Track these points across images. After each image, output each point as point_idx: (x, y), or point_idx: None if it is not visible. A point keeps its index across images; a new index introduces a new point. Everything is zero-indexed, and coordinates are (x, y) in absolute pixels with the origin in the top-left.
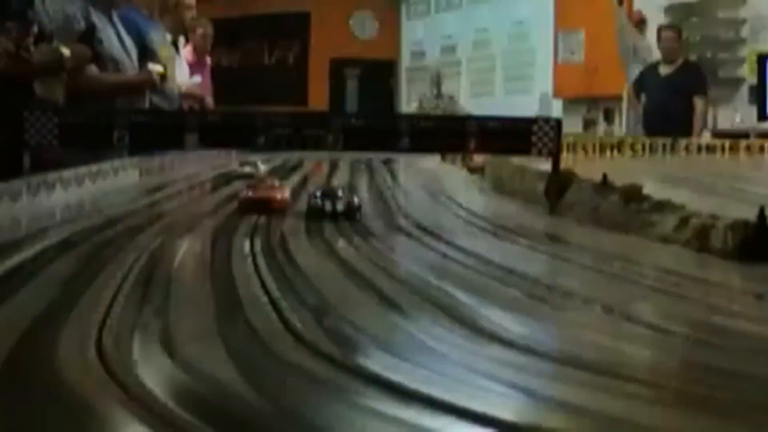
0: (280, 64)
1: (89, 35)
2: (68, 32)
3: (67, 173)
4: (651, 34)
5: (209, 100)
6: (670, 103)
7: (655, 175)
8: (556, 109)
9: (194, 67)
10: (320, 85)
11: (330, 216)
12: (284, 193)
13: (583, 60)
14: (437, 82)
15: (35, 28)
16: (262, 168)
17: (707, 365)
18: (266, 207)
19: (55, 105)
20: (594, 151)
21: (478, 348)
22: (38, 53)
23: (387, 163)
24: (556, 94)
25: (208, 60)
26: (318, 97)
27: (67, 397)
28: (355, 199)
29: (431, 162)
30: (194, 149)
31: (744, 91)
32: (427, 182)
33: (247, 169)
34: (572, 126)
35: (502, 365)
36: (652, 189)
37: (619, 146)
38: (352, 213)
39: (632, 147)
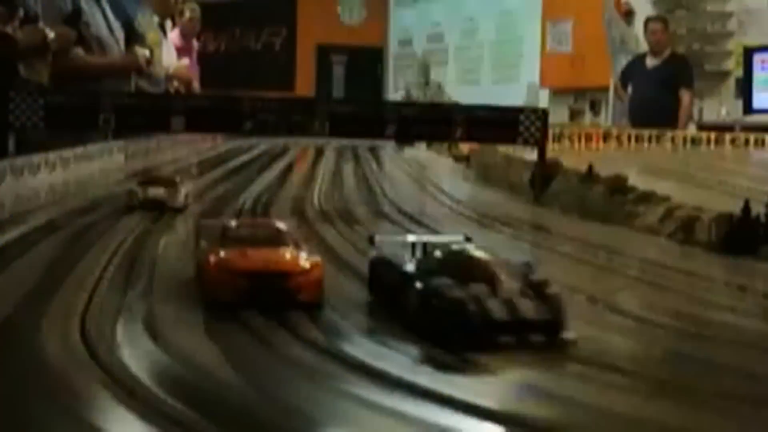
0: (266, 49)
1: (75, 18)
2: (54, 14)
3: (52, 155)
4: (638, 26)
5: (195, 84)
6: (657, 94)
7: (640, 166)
8: (543, 99)
9: (181, 50)
10: (307, 71)
11: (508, 338)
12: (312, 259)
13: (570, 50)
14: (425, 70)
15: (21, 12)
16: (183, 192)
17: (690, 356)
18: (278, 290)
19: (40, 86)
20: (580, 141)
21: None
22: (23, 35)
23: (373, 150)
24: (543, 84)
25: (195, 44)
26: (305, 83)
27: (50, 378)
28: (551, 286)
29: (417, 150)
30: (180, 133)
31: (730, 84)
32: (413, 170)
33: (157, 192)
34: (559, 116)
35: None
36: (637, 180)
37: (605, 137)
38: (555, 331)
39: (618, 138)
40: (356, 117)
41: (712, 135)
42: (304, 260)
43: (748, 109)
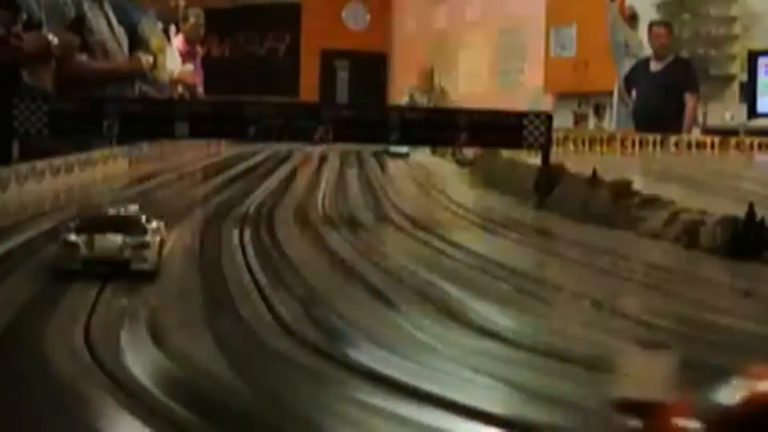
0: (271, 54)
1: (79, 24)
2: (58, 20)
3: (56, 162)
4: (642, 30)
5: (200, 90)
6: (661, 99)
7: (644, 170)
8: (547, 104)
9: (185, 56)
10: (311, 76)
11: None
12: None
13: (574, 55)
14: (429, 74)
15: (24, 15)
16: (156, 239)
17: (695, 361)
18: None
19: (43, 92)
20: (584, 145)
21: (468, 341)
22: (26, 41)
23: (377, 154)
24: (547, 88)
25: (199, 49)
26: (309, 88)
27: (54, 383)
28: None
29: (421, 155)
30: (184, 139)
31: (735, 89)
32: (417, 175)
33: (113, 245)
34: (563, 121)
35: (491, 359)
36: (641, 184)
37: (609, 141)
38: None
39: (622, 142)
40: (360, 122)
41: (717, 139)
42: None
43: (753, 113)
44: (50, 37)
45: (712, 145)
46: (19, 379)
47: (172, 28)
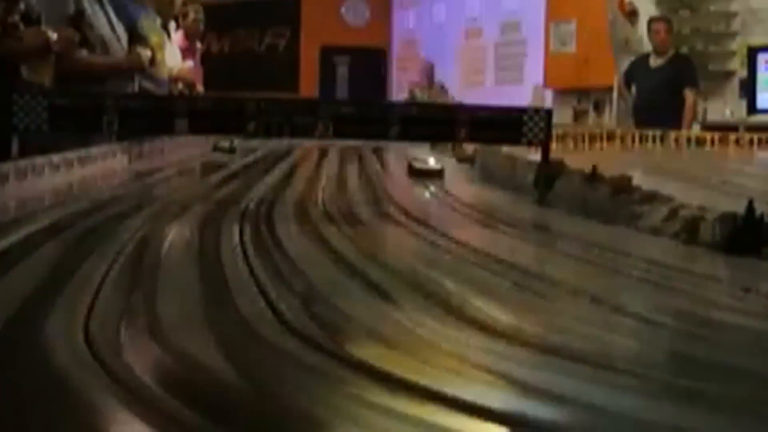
0: (270, 50)
1: (79, 19)
2: (57, 15)
3: (56, 158)
4: (642, 26)
5: (199, 86)
6: (660, 95)
7: (644, 166)
8: (547, 100)
9: (185, 52)
10: (311, 72)
11: None
12: None
13: (574, 51)
14: (428, 70)
15: (22, 6)
16: None
17: (695, 357)
18: None
19: (43, 88)
20: (584, 141)
21: (467, 337)
22: (25, 37)
23: (377, 151)
24: (547, 84)
25: (199, 45)
26: (309, 85)
27: (53, 381)
28: None
29: (421, 151)
30: (184, 135)
31: (734, 84)
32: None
33: None
34: (562, 117)
35: (490, 354)
36: (641, 180)
37: (608, 137)
38: None
39: (622, 138)
40: (360, 118)
41: (716, 135)
42: None
43: (752, 109)
44: (49, 32)
45: (712, 141)
46: (18, 377)
47: (172, 24)
